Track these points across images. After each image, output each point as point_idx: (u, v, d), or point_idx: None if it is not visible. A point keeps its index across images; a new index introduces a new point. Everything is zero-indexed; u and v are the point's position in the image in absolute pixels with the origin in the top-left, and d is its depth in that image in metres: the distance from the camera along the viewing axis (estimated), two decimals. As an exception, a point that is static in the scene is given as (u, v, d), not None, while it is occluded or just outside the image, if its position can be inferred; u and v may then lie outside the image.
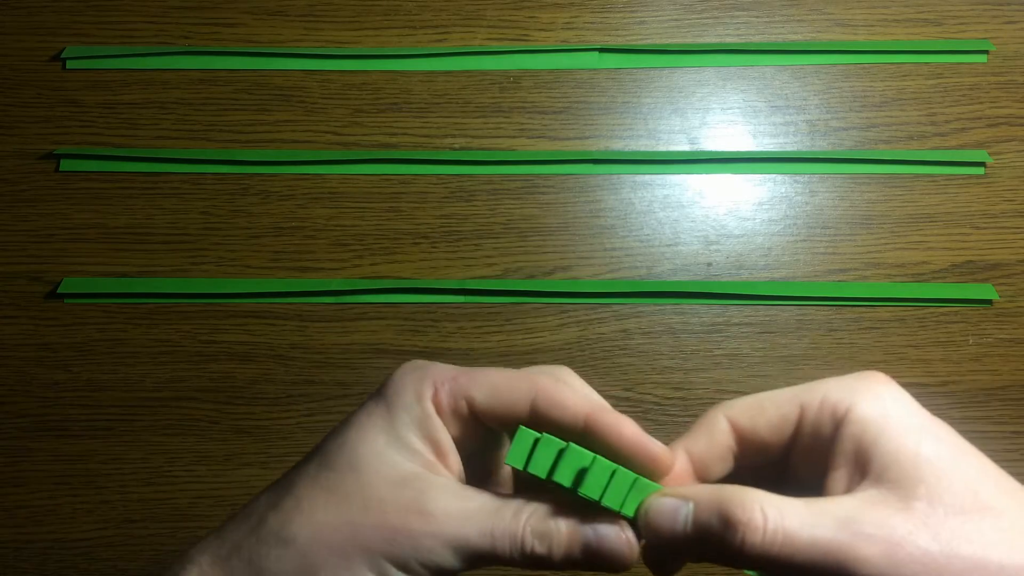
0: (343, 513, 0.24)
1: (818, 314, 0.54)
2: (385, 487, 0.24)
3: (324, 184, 0.56)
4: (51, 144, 0.56)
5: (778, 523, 0.22)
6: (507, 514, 0.24)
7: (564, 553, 0.24)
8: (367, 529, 0.24)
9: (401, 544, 0.24)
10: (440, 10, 0.58)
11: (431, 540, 0.24)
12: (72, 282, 0.54)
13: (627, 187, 0.56)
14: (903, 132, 0.56)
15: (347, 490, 0.24)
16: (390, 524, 0.24)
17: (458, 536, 0.24)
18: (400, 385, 0.26)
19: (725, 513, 0.23)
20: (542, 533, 0.24)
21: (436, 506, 0.24)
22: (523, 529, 0.24)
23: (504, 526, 0.24)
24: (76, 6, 0.58)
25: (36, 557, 0.53)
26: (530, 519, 0.24)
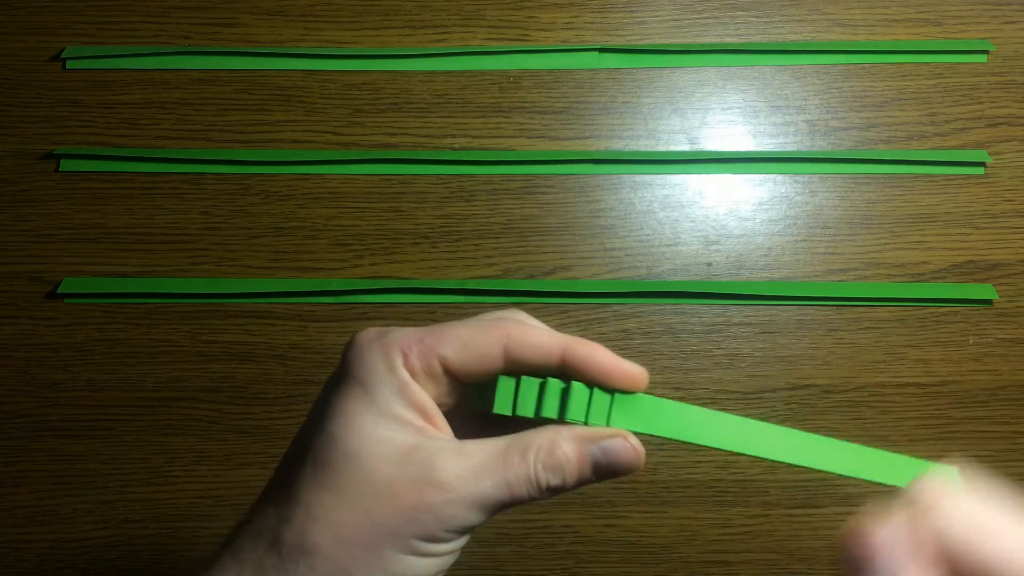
0: (357, 508, 0.24)
1: (818, 314, 0.54)
2: (389, 468, 0.24)
3: (324, 184, 0.56)
4: (51, 144, 0.56)
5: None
6: (515, 458, 0.25)
7: (576, 478, 0.25)
8: (386, 516, 0.24)
9: (424, 519, 0.24)
10: (440, 10, 0.58)
11: (451, 507, 0.24)
12: (72, 282, 0.54)
13: (627, 187, 0.56)
14: (903, 132, 0.56)
15: (353, 483, 0.24)
16: (407, 504, 0.24)
17: (476, 494, 0.24)
18: (367, 360, 0.25)
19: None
20: (553, 466, 0.25)
21: (445, 472, 0.24)
22: (534, 468, 0.25)
23: (515, 471, 0.25)
24: (76, 6, 0.58)
25: (36, 557, 0.53)
26: (538, 456, 0.25)
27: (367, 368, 0.25)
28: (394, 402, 0.25)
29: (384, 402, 0.25)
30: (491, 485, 0.24)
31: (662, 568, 0.53)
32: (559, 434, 0.25)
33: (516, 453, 0.25)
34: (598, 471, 0.26)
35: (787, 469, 0.53)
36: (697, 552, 0.53)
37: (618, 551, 0.53)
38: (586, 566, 0.53)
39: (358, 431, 0.24)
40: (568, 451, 0.25)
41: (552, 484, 0.25)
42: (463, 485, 0.24)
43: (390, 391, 0.25)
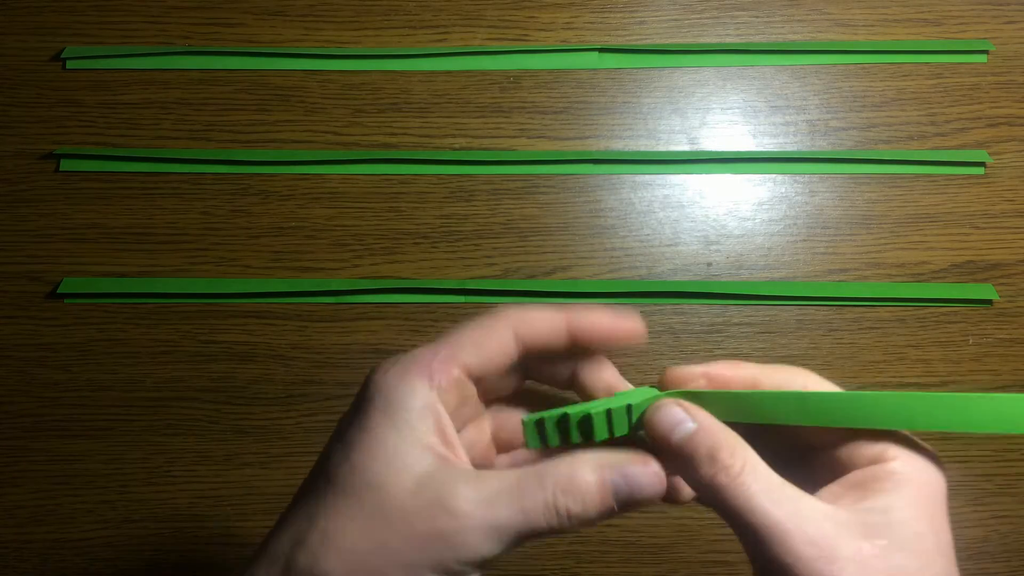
0: (370, 536, 0.23)
1: (818, 314, 0.54)
2: (404, 496, 0.24)
3: (324, 184, 0.56)
4: (51, 144, 0.56)
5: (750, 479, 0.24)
6: (531, 485, 0.24)
7: (599, 507, 0.25)
8: (398, 544, 0.23)
9: (436, 549, 0.23)
10: (440, 10, 0.58)
11: (464, 535, 0.23)
12: (72, 282, 0.54)
13: (627, 187, 0.56)
14: (903, 132, 0.56)
15: (369, 511, 0.24)
16: (419, 533, 0.23)
17: (490, 522, 0.24)
18: (388, 388, 0.25)
19: (714, 450, 0.24)
20: (571, 491, 0.24)
21: (459, 500, 0.24)
22: (552, 494, 0.24)
23: (533, 498, 0.24)
24: (76, 6, 0.58)
25: (36, 557, 0.53)
26: (557, 483, 0.24)
27: (389, 396, 0.25)
28: (416, 427, 0.25)
29: (405, 427, 0.25)
30: (506, 512, 0.24)
31: (662, 568, 0.53)
32: (579, 460, 0.25)
33: (533, 481, 0.24)
34: (619, 498, 0.25)
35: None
36: (697, 552, 0.53)
37: (618, 551, 0.53)
38: (586, 566, 0.53)
39: (379, 458, 0.24)
40: (589, 478, 0.25)
41: (572, 510, 0.24)
42: (477, 512, 0.24)
43: (412, 416, 0.25)
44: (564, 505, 0.24)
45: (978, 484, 0.53)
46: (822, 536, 0.23)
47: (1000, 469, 0.53)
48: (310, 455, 0.53)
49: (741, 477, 0.24)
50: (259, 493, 0.53)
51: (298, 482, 0.26)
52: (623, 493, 0.25)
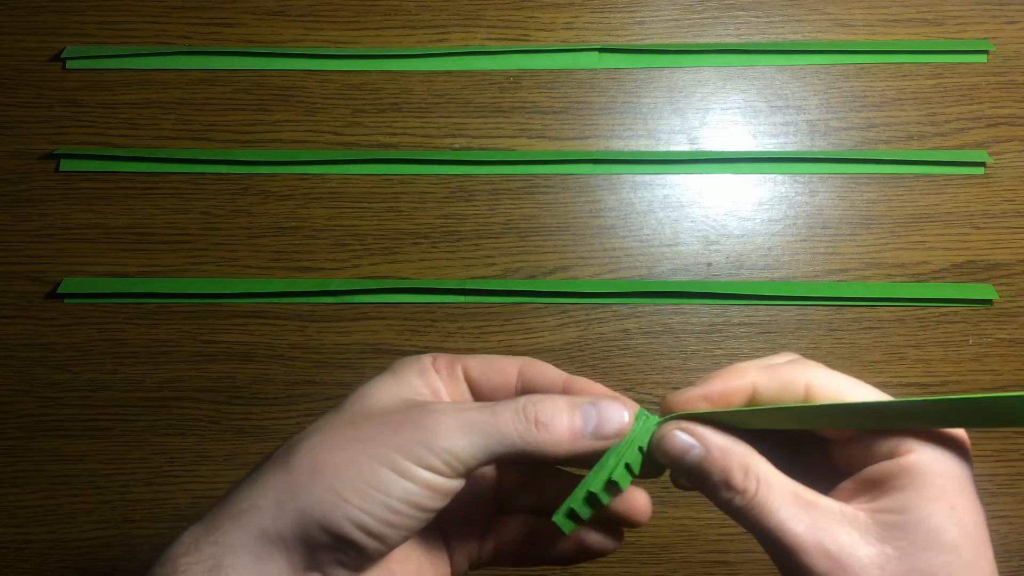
0: (344, 429, 0.25)
1: (818, 314, 0.54)
2: (387, 405, 0.26)
3: (324, 184, 0.56)
4: (51, 144, 0.56)
5: (764, 498, 0.24)
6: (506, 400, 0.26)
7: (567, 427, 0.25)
8: (370, 429, 0.25)
9: (407, 435, 0.24)
10: (440, 10, 0.58)
11: (436, 423, 0.24)
12: (72, 282, 0.54)
13: (627, 187, 0.56)
14: (903, 132, 0.56)
15: (350, 415, 0.26)
16: (392, 421, 0.25)
17: (463, 418, 0.25)
18: (401, 359, 0.29)
19: (728, 473, 0.25)
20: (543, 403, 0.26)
21: (438, 405, 0.25)
22: (523, 403, 0.25)
23: (504, 405, 0.25)
24: (76, 6, 0.58)
25: (36, 557, 0.53)
26: (530, 397, 0.26)
27: (398, 362, 0.28)
28: (412, 379, 0.27)
29: (404, 376, 0.27)
30: (479, 414, 0.25)
31: (662, 568, 0.53)
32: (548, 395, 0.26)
33: (505, 400, 0.26)
34: (588, 421, 0.26)
35: (787, 469, 0.53)
36: (697, 552, 0.53)
37: (618, 551, 0.53)
38: (586, 566, 0.53)
39: (374, 388, 0.27)
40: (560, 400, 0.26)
41: (541, 418, 0.25)
42: (451, 410, 0.25)
43: (412, 372, 0.28)
44: (533, 412, 0.25)
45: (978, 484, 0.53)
46: (840, 549, 0.23)
47: (1000, 469, 0.53)
48: (310, 455, 0.53)
49: (756, 498, 0.24)
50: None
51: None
52: (592, 418, 0.26)
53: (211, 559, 0.24)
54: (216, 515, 0.25)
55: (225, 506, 0.25)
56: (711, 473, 0.25)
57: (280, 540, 0.24)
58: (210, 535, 0.24)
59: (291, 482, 0.24)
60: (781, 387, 0.26)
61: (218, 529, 0.24)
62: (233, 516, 0.24)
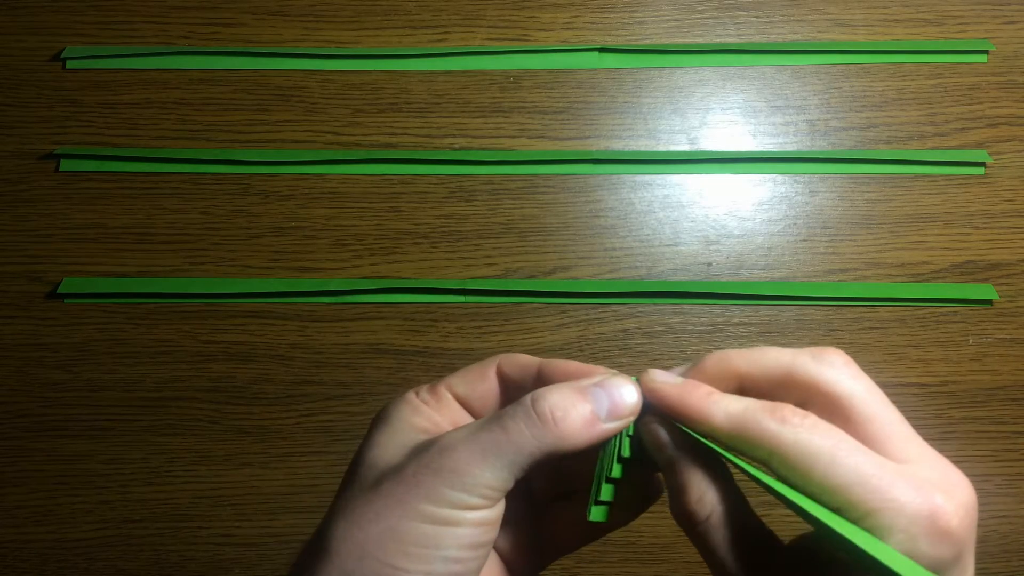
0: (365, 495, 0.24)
1: (818, 314, 0.54)
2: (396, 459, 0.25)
3: (324, 184, 0.56)
4: (51, 144, 0.56)
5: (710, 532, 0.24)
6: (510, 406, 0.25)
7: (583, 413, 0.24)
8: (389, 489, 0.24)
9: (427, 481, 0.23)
10: (440, 10, 0.58)
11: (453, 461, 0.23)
12: (72, 282, 0.54)
13: (627, 187, 0.56)
14: (903, 132, 0.56)
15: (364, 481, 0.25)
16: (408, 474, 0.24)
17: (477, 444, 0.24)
18: (385, 407, 0.27)
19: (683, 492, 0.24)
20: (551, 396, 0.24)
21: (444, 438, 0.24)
22: (530, 401, 0.24)
23: (512, 412, 0.24)
24: (76, 6, 0.58)
25: (36, 557, 0.53)
26: (537, 393, 0.25)
27: (384, 412, 0.27)
28: (408, 419, 0.26)
29: (398, 422, 0.26)
30: (487, 432, 0.24)
31: (662, 568, 0.53)
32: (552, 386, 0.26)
33: (511, 405, 0.25)
34: (600, 405, 0.25)
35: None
36: (697, 552, 0.53)
37: (618, 551, 0.53)
38: (586, 566, 0.53)
39: (376, 447, 0.26)
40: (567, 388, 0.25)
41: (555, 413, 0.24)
42: (461, 440, 0.24)
43: (404, 414, 0.27)
44: (545, 410, 0.24)
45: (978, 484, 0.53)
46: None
47: (1000, 469, 0.53)
48: (310, 455, 0.53)
49: (702, 528, 0.24)
50: (259, 493, 0.53)
51: (298, 482, 0.27)
52: (603, 400, 0.25)
53: None
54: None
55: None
56: (674, 479, 0.25)
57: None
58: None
59: (339, 569, 0.23)
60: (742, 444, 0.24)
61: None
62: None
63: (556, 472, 0.30)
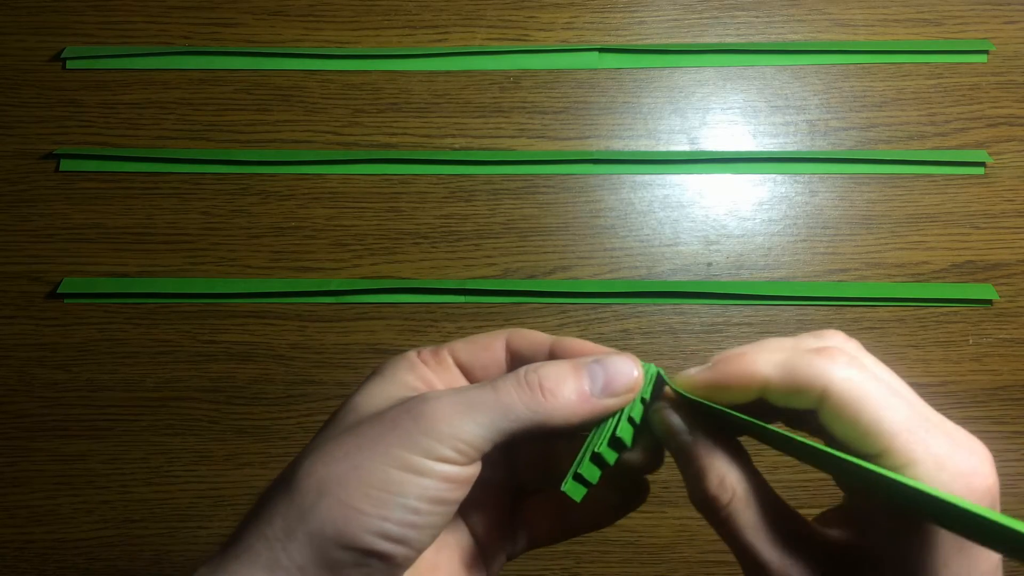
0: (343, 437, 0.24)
1: (818, 314, 0.54)
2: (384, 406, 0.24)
3: (324, 184, 0.56)
4: (51, 144, 0.56)
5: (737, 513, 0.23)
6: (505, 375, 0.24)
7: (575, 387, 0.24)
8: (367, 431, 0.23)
9: (406, 428, 0.23)
10: (440, 10, 0.58)
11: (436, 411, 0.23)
12: (72, 282, 0.54)
13: (627, 187, 0.56)
14: (903, 132, 0.56)
15: (346, 424, 0.24)
16: (389, 418, 0.23)
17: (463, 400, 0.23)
18: (387, 361, 0.27)
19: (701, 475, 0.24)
20: (545, 368, 0.24)
21: (433, 393, 0.24)
22: (525, 372, 0.24)
23: (504, 378, 0.24)
24: (76, 6, 0.58)
25: (36, 557, 0.53)
26: (530, 366, 0.24)
27: (384, 364, 0.27)
28: (403, 376, 0.26)
29: (393, 376, 0.26)
30: (479, 392, 0.23)
31: (662, 568, 0.53)
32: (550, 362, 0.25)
33: (506, 374, 0.24)
34: (595, 379, 0.24)
35: (788, 469, 0.53)
36: (697, 552, 0.53)
37: (618, 551, 0.53)
38: (586, 566, 0.53)
39: (365, 395, 0.26)
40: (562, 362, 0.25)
41: (546, 384, 0.23)
42: (449, 394, 0.23)
43: (401, 369, 0.26)
44: (536, 379, 0.24)
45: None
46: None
47: (1000, 469, 0.53)
48: (310, 455, 0.53)
49: (728, 511, 0.23)
50: (259, 493, 0.53)
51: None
52: (599, 376, 0.24)
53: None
54: (224, 555, 0.23)
55: (231, 545, 0.23)
56: (691, 464, 0.24)
57: (297, 570, 0.22)
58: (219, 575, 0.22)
59: (298, 505, 0.23)
60: (793, 388, 0.23)
61: (225, 570, 0.22)
62: (239, 555, 0.23)
63: (541, 459, 0.29)
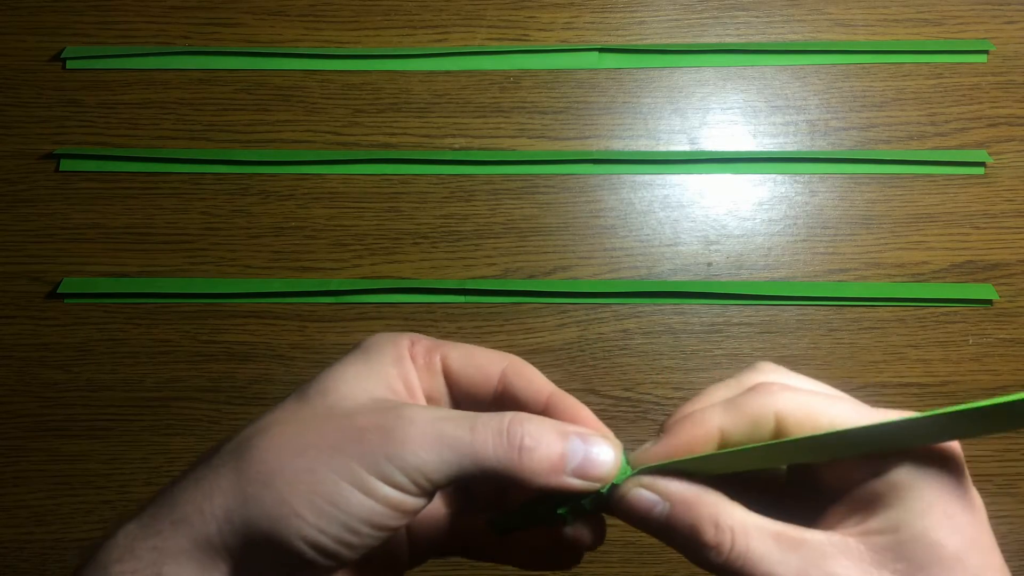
0: (306, 426, 0.23)
1: (818, 314, 0.54)
2: (355, 403, 0.23)
3: (324, 184, 0.56)
4: (51, 144, 0.56)
5: (743, 549, 0.22)
6: (488, 415, 0.23)
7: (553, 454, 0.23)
8: (332, 433, 0.22)
9: (372, 444, 0.22)
10: (440, 10, 0.58)
11: (406, 434, 0.22)
12: (72, 282, 0.54)
13: (627, 187, 0.56)
14: (903, 132, 0.56)
15: (314, 409, 0.23)
16: (358, 425, 0.22)
17: (437, 431, 0.22)
18: (374, 338, 0.26)
19: (696, 530, 0.23)
20: (529, 426, 0.23)
21: (410, 410, 0.23)
22: (509, 422, 0.23)
23: (486, 422, 0.23)
24: (76, 6, 0.58)
25: (36, 557, 0.53)
26: (515, 416, 0.23)
27: (372, 342, 0.25)
28: (384, 367, 0.25)
29: (377, 364, 0.25)
30: (455, 428, 0.22)
31: (662, 568, 0.53)
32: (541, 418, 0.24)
33: (489, 413, 0.23)
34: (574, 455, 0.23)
35: (787, 469, 0.53)
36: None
37: (618, 551, 0.53)
38: (586, 566, 0.53)
39: (342, 378, 0.24)
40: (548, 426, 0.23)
41: (526, 443, 0.22)
42: (425, 420, 0.22)
43: (387, 359, 0.25)
44: (518, 434, 0.23)
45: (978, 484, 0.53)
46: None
47: (1000, 469, 0.53)
48: (310, 455, 0.53)
49: (735, 551, 0.22)
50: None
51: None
52: (578, 453, 0.23)
53: (150, 567, 0.22)
54: (156, 516, 0.22)
55: (166, 506, 0.22)
56: (679, 529, 0.23)
57: (225, 550, 0.22)
58: (148, 539, 0.22)
59: (241, 488, 0.22)
60: (750, 426, 0.23)
61: (158, 534, 0.22)
62: (176, 521, 0.22)
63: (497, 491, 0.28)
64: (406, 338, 0.26)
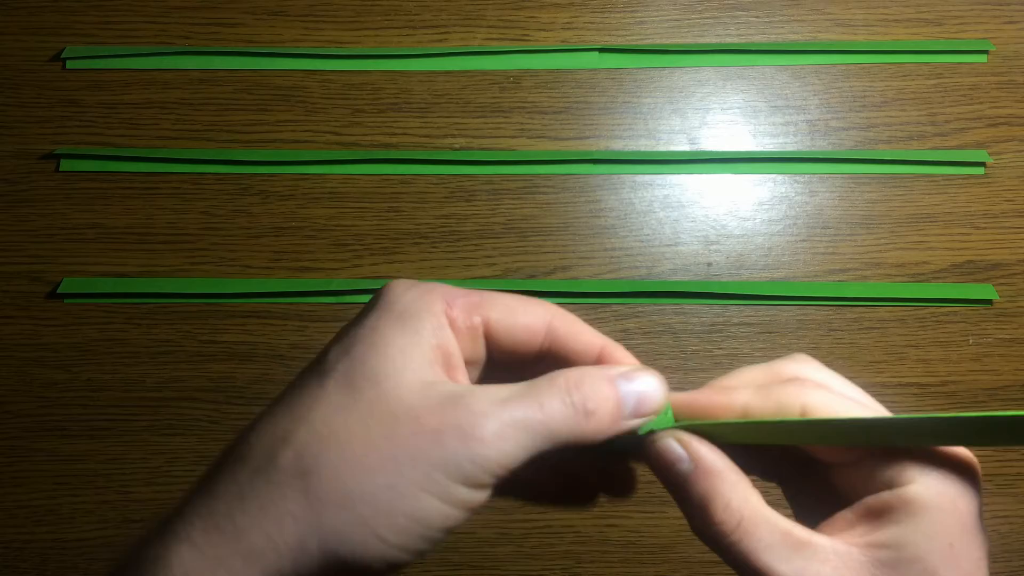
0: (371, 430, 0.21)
1: (818, 314, 0.54)
2: (410, 393, 0.21)
3: (324, 184, 0.56)
4: (51, 144, 0.56)
5: (747, 535, 0.22)
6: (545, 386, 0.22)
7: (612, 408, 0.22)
8: (405, 439, 0.20)
9: (450, 446, 0.20)
10: (440, 10, 0.58)
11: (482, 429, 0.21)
12: (72, 282, 0.54)
13: (627, 187, 0.56)
14: (903, 132, 0.56)
15: (369, 405, 0.21)
16: (429, 427, 0.20)
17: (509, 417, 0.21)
18: (407, 296, 0.23)
19: (707, 500, 0.23)
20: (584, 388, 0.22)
21: (473, 399, 0.21)
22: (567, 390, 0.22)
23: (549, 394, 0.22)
24: (76, 6, 0.58)
25: (36, 557, 0.53)
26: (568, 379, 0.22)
27: (406, 302, 0.23)
28: (425, 337, 0.22)
29: (414, 333, 0.22)
30: (524, 408, 0.21)
31: (662, 568, 0.53)
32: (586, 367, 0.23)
33: (546, 383, 0.22)
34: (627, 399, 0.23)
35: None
36: (697, 552, 0.53)
37: (618, 551, 0.53)
38: (586, 566, 0.53)
39: (384, 354, 0.22)
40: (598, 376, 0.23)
41: (589, 406, 0.22)
42: (494, 408, 0.21)
43: (423, 326, 0.22)
44: (580, 400, 0.22)
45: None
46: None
47: (1000, 469, 0.53)
48: (310, 455, 0.53)
49: (736, 534, 0.23)
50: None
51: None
52: (631, 396, 0.23)
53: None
54: (216, 544, 0.21)
55: (228, 533, 0.21)
56: (692, 494, 0.23)
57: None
58: (216, 571, 0.21)
59: (316, 514, 0.20)
60: (774, 413, 0.23)
61: (226, 567, 0.20)
62: (246, 555, 0.20)
63: None
64: (440, 299, 0.23)
